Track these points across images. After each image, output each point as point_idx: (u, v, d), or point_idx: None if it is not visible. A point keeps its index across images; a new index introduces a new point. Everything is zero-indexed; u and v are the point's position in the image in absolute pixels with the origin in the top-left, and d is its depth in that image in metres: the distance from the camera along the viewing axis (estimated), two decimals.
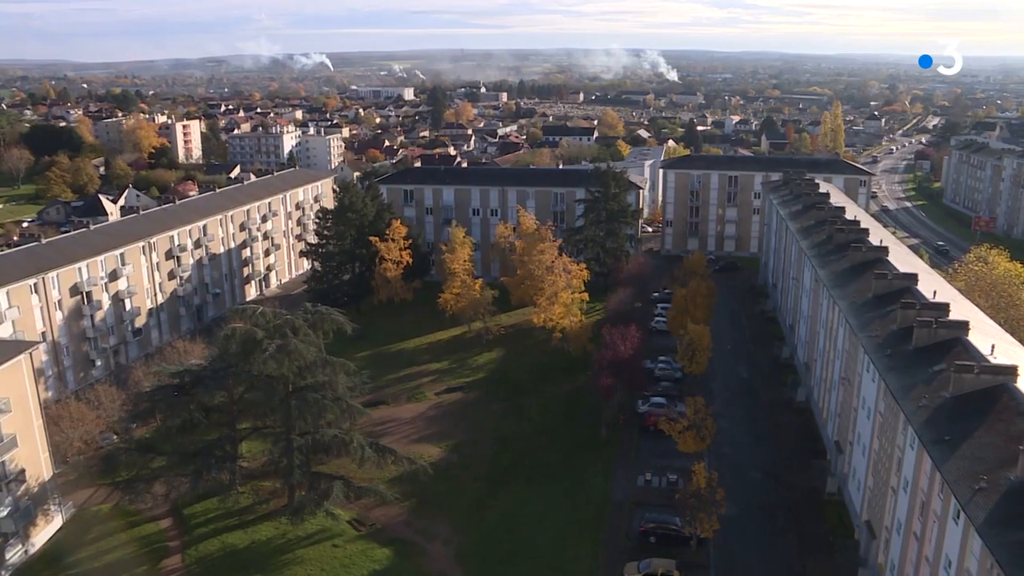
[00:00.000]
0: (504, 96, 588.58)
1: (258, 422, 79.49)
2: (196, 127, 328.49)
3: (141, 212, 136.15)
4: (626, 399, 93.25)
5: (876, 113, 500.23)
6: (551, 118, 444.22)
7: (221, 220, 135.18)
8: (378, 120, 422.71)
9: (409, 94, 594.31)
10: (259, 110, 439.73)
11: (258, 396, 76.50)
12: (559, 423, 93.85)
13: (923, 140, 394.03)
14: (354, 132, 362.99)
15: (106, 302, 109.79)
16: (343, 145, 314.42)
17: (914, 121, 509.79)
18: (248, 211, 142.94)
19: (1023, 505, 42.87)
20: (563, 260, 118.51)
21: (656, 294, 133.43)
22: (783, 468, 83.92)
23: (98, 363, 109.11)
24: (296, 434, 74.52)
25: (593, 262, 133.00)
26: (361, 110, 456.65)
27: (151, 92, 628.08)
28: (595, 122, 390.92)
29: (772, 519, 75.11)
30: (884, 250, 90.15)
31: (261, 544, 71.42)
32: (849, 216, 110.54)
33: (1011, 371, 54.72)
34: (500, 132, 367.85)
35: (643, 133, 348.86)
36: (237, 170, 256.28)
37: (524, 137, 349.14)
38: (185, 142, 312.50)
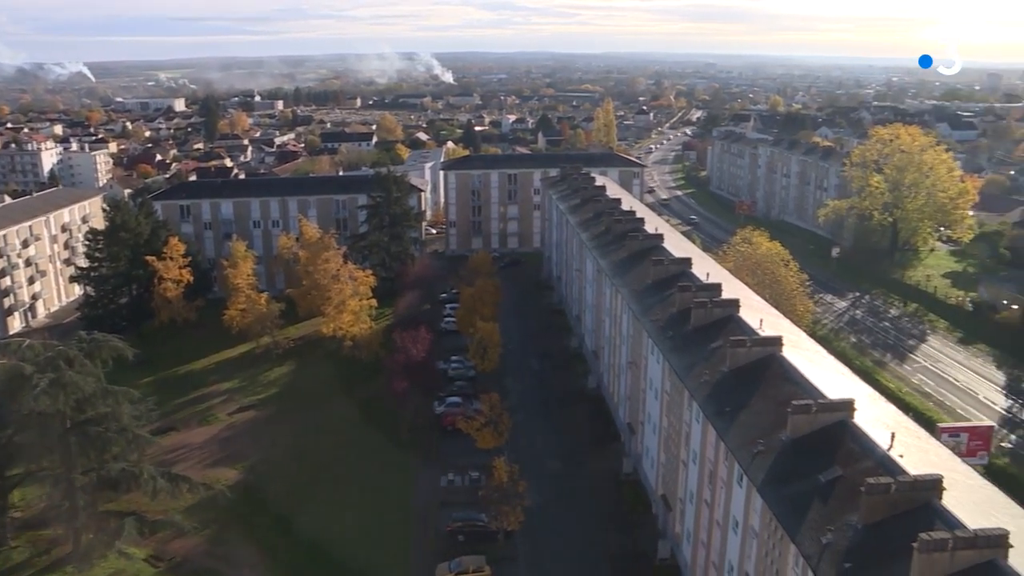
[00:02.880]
0: (280, 104, 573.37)
1: (32, 465, 73.02)
2: None
3: None
4: (422, 402, 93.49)
5: (645, 108, 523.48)
6: (329, 124, 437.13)
7: None
8: (148, 133, 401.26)
9: (180, 105, 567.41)
10: (10, 125, 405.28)
11: (31, 437, 70.39)
12: (357, 432, 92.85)
13: (688, 132, 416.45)
14: (122, 147, 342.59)
15: None
16: (111, 161, 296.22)
17: (679, 114, 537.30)
18: (5, 236, 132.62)
19: (793, 461, 46.51)
20: (349, 267, 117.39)
21: (444, 295, 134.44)
22: (580, 454, 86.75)
23: None
24: (79, 473, 69.71)
25: (379, 267, 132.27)
26: (129, 123, 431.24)
27: None
28: (373, 127, 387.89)
29: (574, 504, 77.43)
30: (659, 237, 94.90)
31: None
32: (625, 207, 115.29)
33: (777, 342, 59.15)
34: (277, 141, 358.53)
35: (422, 136, 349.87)
36: None
37: (302, 145, 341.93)
38: None
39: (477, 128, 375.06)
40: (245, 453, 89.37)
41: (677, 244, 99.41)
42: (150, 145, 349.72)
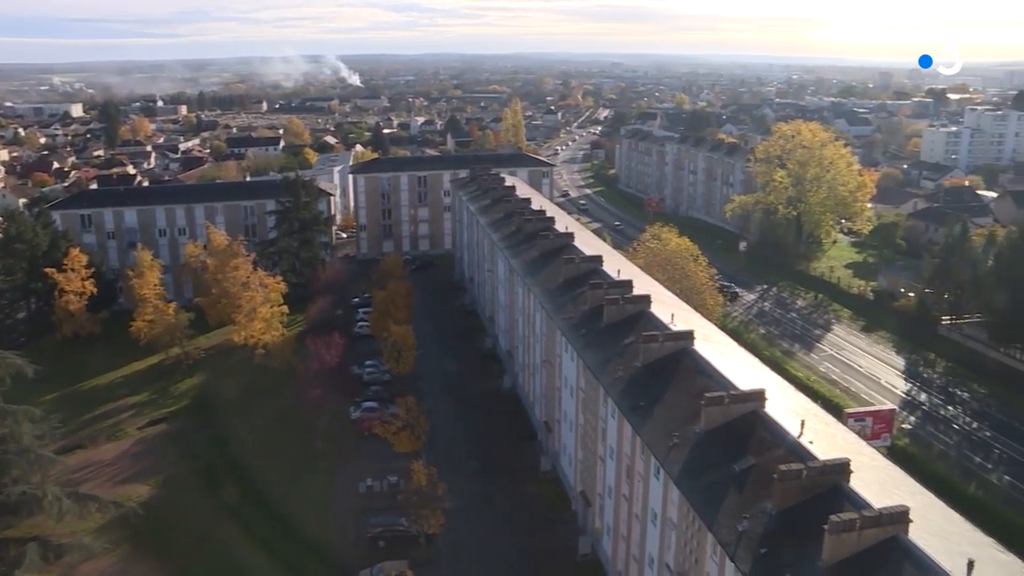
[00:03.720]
0: (183, 109, 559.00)
1: None
2: None
3: None
4: (337, 408, 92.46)
5: (553, 108, 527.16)
6: (235, 129, 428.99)
7: None
8: (43, 140, 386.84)
9: (77, 110, 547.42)
10: None
11: None
12: (273, 441, 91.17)
13: (596, 131, 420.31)
14: (15, 154, 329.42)
15: None
16: (2, 169, 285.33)
17: (587, 114, 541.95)
18: None
19: (708, 452, 47.44)
20: (258, 274, 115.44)
21: (356, 299, 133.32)
22: (498, 454, 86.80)
23: None
24: None
25: (289, 273, 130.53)
26: (21, 129, 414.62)
27: None
28: (280, 131, 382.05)
29: (494, 504, 77.42)
30: (570, 236, 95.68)
31: None
32: (535, 206, 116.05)
33: (689, 336, 60.24)
34: (182, 147, 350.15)
35: (330, 139, 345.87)
36: None
37: (208, 151, 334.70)
38: None
39: (385, 131, 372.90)
40: (157, 468, 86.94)
41: (588, 242, 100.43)
42: (46, 152, 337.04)
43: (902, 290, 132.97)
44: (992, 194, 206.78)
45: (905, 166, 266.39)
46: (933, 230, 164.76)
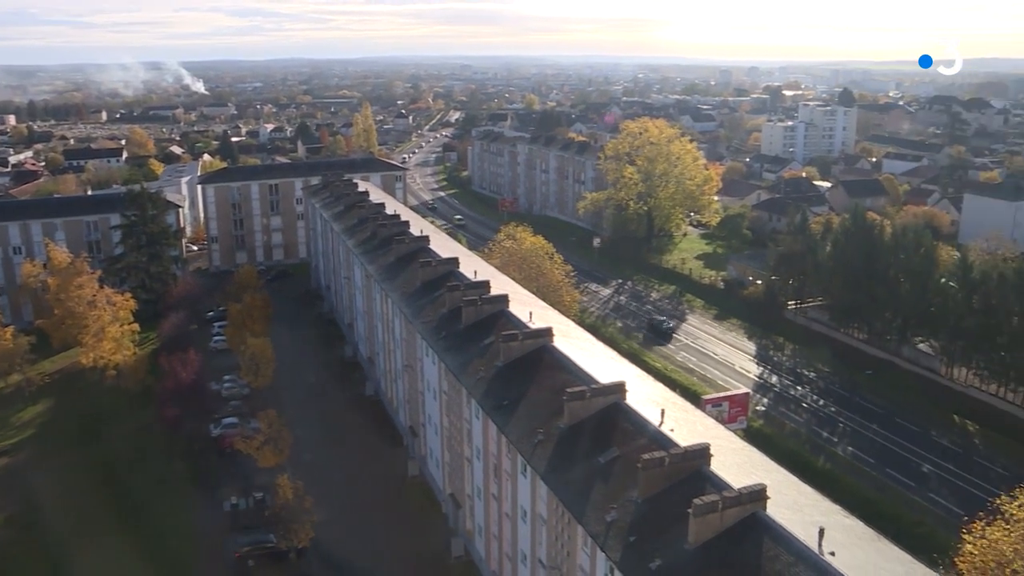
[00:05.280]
0: (12, 119, 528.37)
1: None
2: None
3: None
4: (197, 426, 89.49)
5: (404, 111, 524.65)
6: (72, 141, 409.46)
7: None
8: None
9: None
10: None
11: None
12: (130, 467, 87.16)
13: (448, 133, 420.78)
14: None
15: None
16: None
17: (438, 116, 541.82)
18: None
19: (573, 446, 48.11)
20: (105, 292, 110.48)
21: (211, 313, 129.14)
22: (365, 462, 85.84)
23: None
24: None
25: (139, 289, 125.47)
26: None
27: None
28: (123, 142, 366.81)
29: (364, 513, 76.48)
30: (426, 239, 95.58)
31: None
32: (389, 211, 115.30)
33: (547, 333, 61.07)
34: (13, 160, 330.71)
35: (176, 149, 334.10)
36: None
37: (43, 164, 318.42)
38: None
39: (234, 139, 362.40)
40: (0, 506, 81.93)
41: (443, 244, 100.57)
42: None
43: (750, 278, 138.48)
44: (826, 184, 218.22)
45: (747, 159, 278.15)
46: (776, 220, 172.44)
